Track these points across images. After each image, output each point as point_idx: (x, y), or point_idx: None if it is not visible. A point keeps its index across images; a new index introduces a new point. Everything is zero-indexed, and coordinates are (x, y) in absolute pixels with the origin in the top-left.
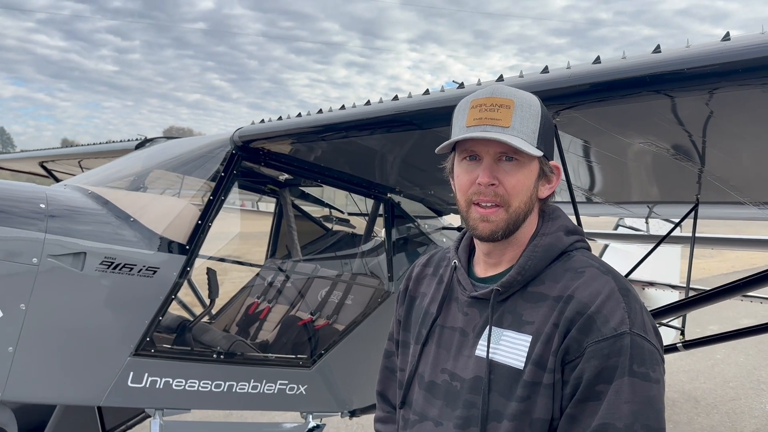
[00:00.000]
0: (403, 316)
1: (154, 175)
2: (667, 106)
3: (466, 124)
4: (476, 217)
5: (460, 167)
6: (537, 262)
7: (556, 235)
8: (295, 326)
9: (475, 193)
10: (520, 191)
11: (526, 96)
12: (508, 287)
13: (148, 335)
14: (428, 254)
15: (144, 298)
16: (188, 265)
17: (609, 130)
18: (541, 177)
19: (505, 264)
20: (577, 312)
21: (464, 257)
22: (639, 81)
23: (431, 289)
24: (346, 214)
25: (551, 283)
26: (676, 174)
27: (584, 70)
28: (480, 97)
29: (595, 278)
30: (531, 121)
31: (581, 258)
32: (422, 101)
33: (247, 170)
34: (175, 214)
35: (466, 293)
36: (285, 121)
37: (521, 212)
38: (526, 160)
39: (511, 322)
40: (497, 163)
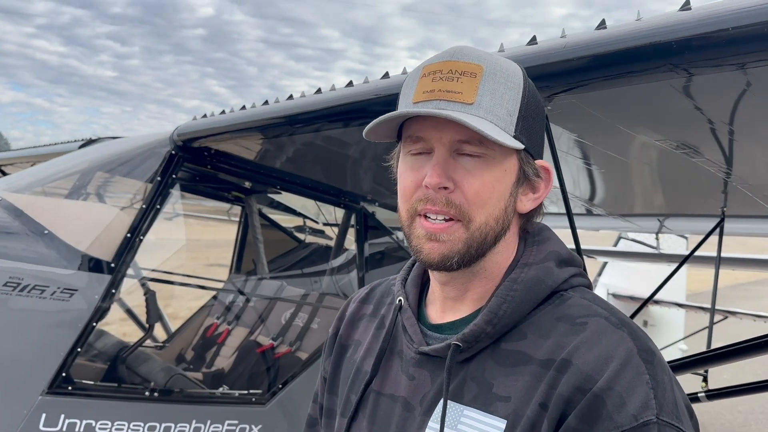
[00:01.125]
0: (329, 372)
1: (82, 179)
2: (696, 87)
3: (412, 100)
4: (421, 235)
5: (403, 163)
6: (516, 305)
7: (544, 267)
8: (253, 354)
9: (420, 199)
10: (487, 200)
11: (501, 62)
12: (472, 341)
13: (64, 370)
14: (369, 285)
15: (59, 326)
16: (114, 286)
17: (614, 122)
18: (521, 182)
19: (469, 305)
20: (577, 387)
21: (414, 293)
22: (661, 49)
23: (368, 335)
24: (322, 224)
25: (536, 339)
26: (697, 181)
27: (585, 39)
28: (435, 61)
29: (603, 333)
30: (507, 98)
31: (580, 301)
32: (379, 86)
33: (201, 174)
34: (99, 225)
35: (414, 347)
36: (226, 116)
37: (488, 231)
38: (497, 155)
39: (476, 395)
40: (454, 158)
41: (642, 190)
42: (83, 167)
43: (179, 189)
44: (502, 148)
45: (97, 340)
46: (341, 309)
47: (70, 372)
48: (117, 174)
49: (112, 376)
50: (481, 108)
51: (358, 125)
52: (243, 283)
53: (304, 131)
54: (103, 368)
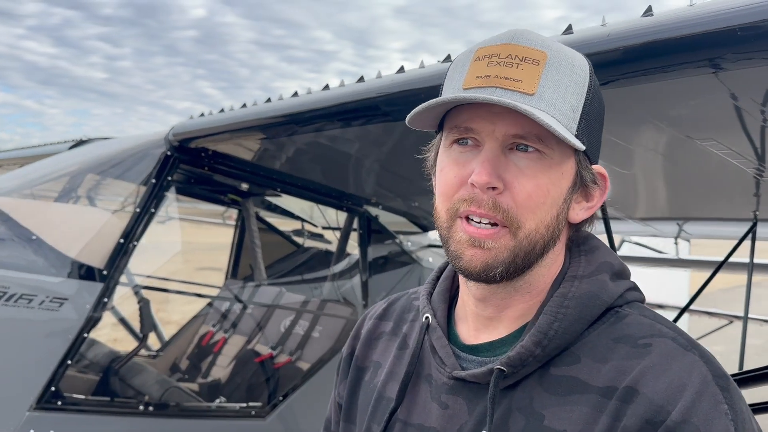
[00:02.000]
0: (345, 398)
1: (72, 181)
2: (746, 79)
3: (462, 85)
4: (462, 240)
5: (446, 156)
6: (569, 323)
7: (598, 280)
8: (252, 364)
9: (463, 199)
10: (539, 204)
11: (566, 50)
12: (518, 366)
13: (53, 384)
14: (386, 299)
15: (48, 337)
16: (106, 294)
17: (649, 117)
18: (576, 188)
19: (507, 323)
20: (646, 420)
21: (442, 309)
22: (723, 38)
23: (389, 357)
24: (321, 228)
25: (592, 363)
26: (726, 183)
27: (631, 27)
28: (491, 44)
29: (671, 357)
30: (571, 91)
31: (640, 319)
32: (394, 82)
33: (197, 176)
34: (90, 230)
35: (446, 371)
36: (225, 114)
37: (537, 240)
38: (555, 155)
39: (525, 427)
40: (506, 154)
41: (664, 191)
42: (74, 169)
43: (175, 192)
44: (561, 148)
45: (88, 350)
46: (356, 327)
47: (60, 385)
48: (109, 176)
49: (104, 389)
50: (542, 100)
51: (368, 124)
52: (240, 290)
53: (308, 131)
54: (95, 381)
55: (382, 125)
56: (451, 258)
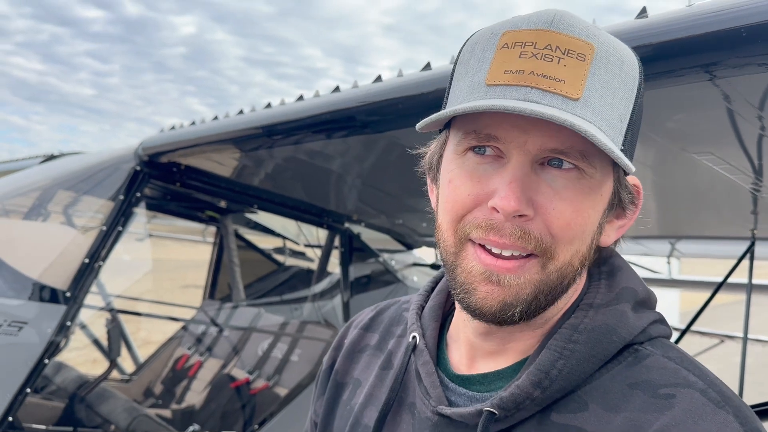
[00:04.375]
0: (321, 417)
1: (39, 198)
2: (746, 85)
3: (485, 80)
4: (475, 271)
5: (458, 166)
6: (576, 362)
7: (617, 311)
8: (227, 389)
9: (478, 225)
10: (579, 234)
11: (615, 43)
12: (512, 409)
13: (11, 413)
14: (375, 307)
15: (6, 363)
16: (69, 317)
17: (647, 131)
18: (613, 209)
19: (508, 356)
20: None
21: (432, 328)
22: (725, 40)
23: (370, 376)
24: (302, 246)
25: (602, 412)
26: (723, 201)
27: (624, 29)
28: (523, 27)
29: (699, 416)
30: (620, 96)
31: (664, 363)
32: (370, 91)
33: (170, 192)
34: (54, 250)
35: (431, 404)
36: (196, 127)
37: (568, 274)
38: (597, 174)
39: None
40: (536, 171)
41: (656, 208)
42: (42, 184)
43: (146, 208)
44: (603, 166)
45: (53, 375)
46: (339, 335)
47: (18, 415)
48: (78, 192)
49: (68, 417)
50: (588, 107)
51: (345, 136)
52: (217, 311)
53: (283, 143)
54: (59, 408)
55: (363, 139)
56: (459, 291)
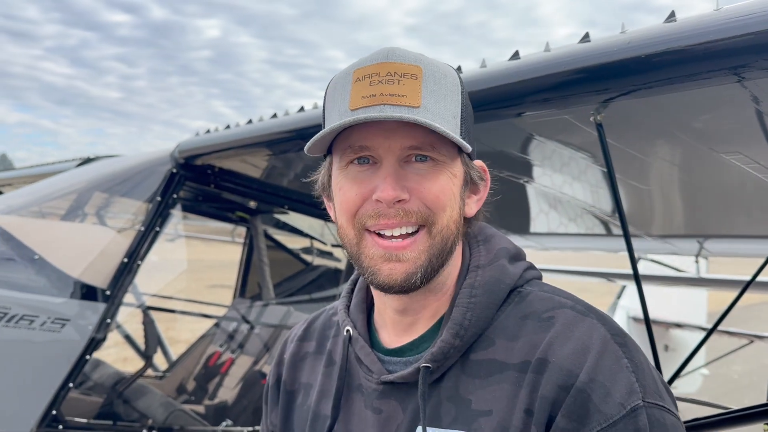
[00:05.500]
0: (279, 425)
1: (78, 200)
2: None
3: (349, 107)
4: (377, 255)
5: (344, 176)
6: (480, 311)
7: (499, 266)
8: (259, 385)
9: (369, 215)
10: (447, 203)
11: (435, 62)
12: (441, 359)
13: (54, 407)
14: (305, 320)
15: (49, 359)
16: (109, 315)
17: (669, 128)
18: (467, 185)
19: (424, 322)
20: (559, 386)
21: (361, 320)
22: (752, 43)
23: (317, 376)
24: (330, 246)
25: (506, 342)
26: (753, 197)
27: (653, 33)
28: (366, 64)
29: (573, 325)
30: (449, 99)
31: (541, 295)
32: None
33: (204, 194)
34: (94, 250)
35: (374, 377)
36: (231, 131)
37: (449, 236)
38: (447, 160)
39: (456, 416)
40: (403, 167)
41: (684, 207)
42: (79, 187)
43: (181, 209)
44: (450, 153)
45: (92, 371)
46: (279, 352)
47: (62, 409)
48: (115, 194)
49: (107, 412)
50: (428, 111)
51: None
52: (247, 309)
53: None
54: (99, 403)
55: None
56: (367, 274)
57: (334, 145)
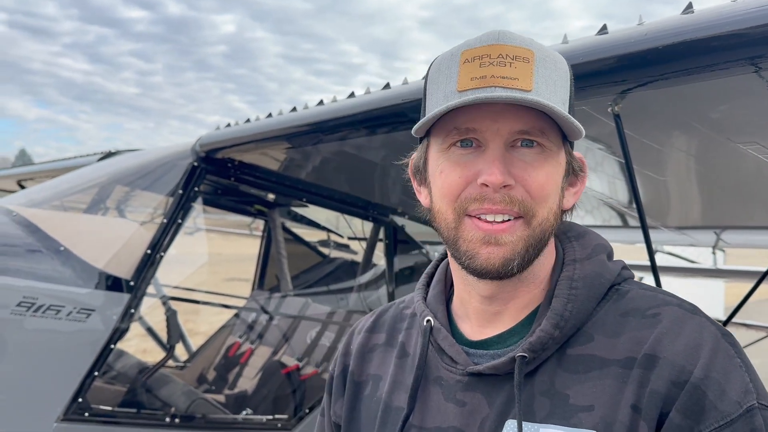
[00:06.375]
0: (344, 416)
1: (101, 193)
2: None
3: (456, 88)
4: (476, 238)
5: (446, 159)
6: (581, 303)
7: (598, 260)
8: (278, 375)
9: (474, 199)
10: (549, 194)
11: (546, 48)
12: (539, 350)
13: (80, 395)
14: (373, 313)
15: (75, 348)
16: (133, 305)
17: (692, 121)
18: (568, 176)
19: (512, 314)
20: (671, 382)
21: (441, 311)
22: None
23: (389, 367)
24: (347, 239)
25: (606, 339)
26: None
27: (671, 25)
28: (477, 45)
29: (682, 322)
30: (560, 85)
31: (642, 293)
32: (420, 87)
33: (224, 187)
34: (118, 241)
35: (458, 369)
36: (251, 124)
37: (547, 228)
38: (554, 147)
39: (551, 410)
40: (510, 152)
41: (701, 198)
42: (102, 180)
43: (202, 203)
44: (557, 140)
45: (115, 361)
46: (345, 343)
47: (87, 397)
48: (137, 187)
49: (131, 400)
50: (539, 95)
51: (394, 131)
52: (266, 301)
53: (333, 139)
54: (122, 392)
55: (408, 133)
56: (464, 258)
57: (434, 128)
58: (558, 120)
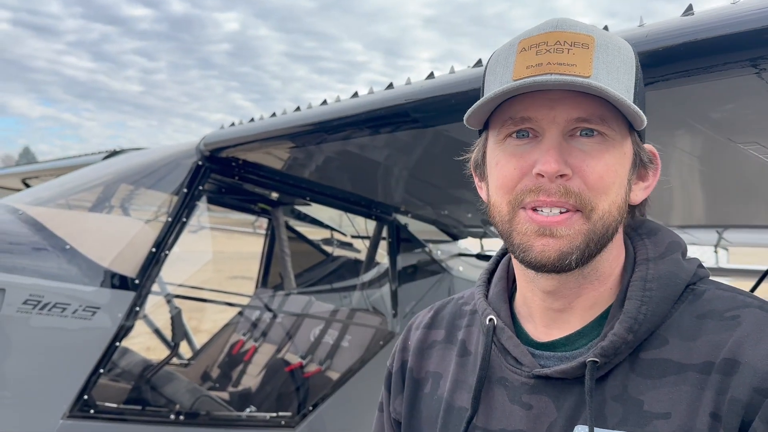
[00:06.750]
0: (404, 413)
1: (105, 191)
2: None
3: (512, 77)
4: (530, 231)
5: (501, 151)
6: (655, 306)
7: (674, 260)
8: (282, 373)
9: (529, 190)
10: (610, 185)
11: (610, 34)
12: (612, 354)
13: (86, 392)
14: (430, 308)
15: (80, 346)
16: (138, 303)
17: (693, 121)
18: (636, 168)
19: (579, 315)
20: (754, 389)
21: (504, 310)
22: None
23: (449, 365)
24: (350, 237)
25: (681, 342)
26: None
27: (672, 26)
28: (535, 33)
29: (765, 325)
30: (623, 72)
31: (720, 294)
32: (423, 88)
33: (228, 186)
34: (123, 240)
35: (524, 371)
36: (255, 124)
37: (610, 222)
38: (617, 136)
39: (624, 416)
40: (567, 141)
41: (703, 197)
42: (107, 179)
43: (206, 201)
44: (621, 129)
45: (120, 359)
46: (402, 339)
47: (93, 394)
48: (141, 186)
49: (136, 397)
50: (599, 81)
51: (398, 131)
52: (270, 299)
53: (337, 138)
54: (127, 389)
55: (412, 132)
56: (518, 251)
57: (492, 119)
58: (619, 106)
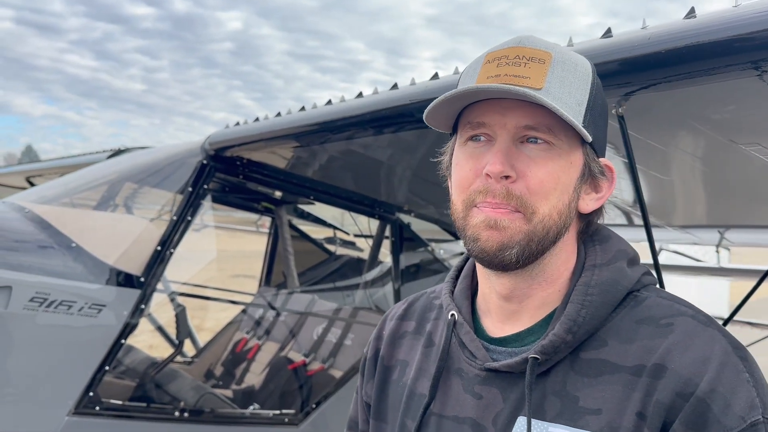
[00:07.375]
0: (374, 397)
1: (111, 190)
2: None
3: (474, 84)
4: (478, 222)
5: (461, 153)
6: (595, 310)
7: (617, 267)
8: (285, 371)
9: (479, 191)
10: (551, 191)
11: (569, 52)
12: (551, 353)
13: (91, 389)
14: (405, 300)
15: (86, 343)
16: (143, 301)
17: (695, 123)
18: (585, 179)
19: (530, 313)
20: (677, 393)
21: (466, 306)
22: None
23: (416, 355)
24: (353, 236)
25: (619, 345)
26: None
27: (674, 29)
28: (500, 48)
29: (693, 333)
30: (576, 87)
31: (659, 301)
32: (428, 88)
33: (232, 185)
34: (128, 238)
35: (477, 363)
36: (260, 123)
37: (551, 225)
38: (564, 146)
39: (561, 410)
40: (517, 146)
41: (705, 197)
42: (112, 178)
43: (210, 200)
44: (569, 140)
45: (125, 356)
46: (378, 328)
47: (98, 391)
48: (146, 185)
49: (141, 394)
50: (549, 94)
51: (401, 131)
52: (273, 297)
53: (341, 138)
54: (132, 386)
55: (415, 132)
56: (469, 242)
57: (459, 124)
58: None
